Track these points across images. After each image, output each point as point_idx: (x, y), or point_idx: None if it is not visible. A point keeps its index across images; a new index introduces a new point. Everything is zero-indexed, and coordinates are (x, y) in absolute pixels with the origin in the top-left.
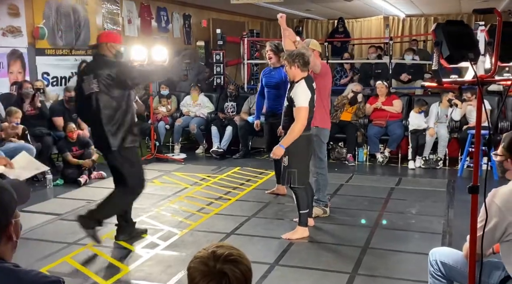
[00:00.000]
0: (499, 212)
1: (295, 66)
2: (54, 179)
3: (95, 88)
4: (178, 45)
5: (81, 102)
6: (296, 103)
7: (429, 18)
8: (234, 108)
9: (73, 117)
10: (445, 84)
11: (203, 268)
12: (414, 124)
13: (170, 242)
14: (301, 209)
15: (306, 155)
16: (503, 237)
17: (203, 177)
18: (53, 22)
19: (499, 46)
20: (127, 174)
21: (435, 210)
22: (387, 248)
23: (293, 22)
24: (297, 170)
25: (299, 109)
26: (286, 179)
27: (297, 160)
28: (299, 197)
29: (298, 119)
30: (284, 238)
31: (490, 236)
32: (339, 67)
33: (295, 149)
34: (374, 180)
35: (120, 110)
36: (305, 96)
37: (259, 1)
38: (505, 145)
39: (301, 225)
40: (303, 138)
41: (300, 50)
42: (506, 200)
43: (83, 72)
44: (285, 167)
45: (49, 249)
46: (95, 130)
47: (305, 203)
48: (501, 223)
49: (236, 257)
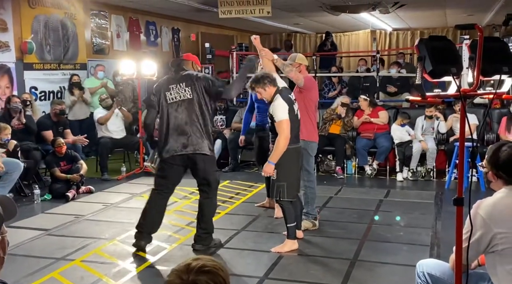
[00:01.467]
0: (483, 224)
1: (267, 86)
2: (41, 194)
3: (188, 96)
4: (167, 59)
5: (167, 112)
6: (276, 118)
7: (415, 32)
8: (223, 122)
9: (59, 130)
10: (429, 98)
11: (178, 281)
12: (397, 137)
13: (159, 256)
14: (288, 222)
15: (295, 167)
16: (488, 248)
17: (192, 191)
18: (41, 36)
19: (480, 60)
20: (211, 175)
21: (423, 222)
22: (376, 260)
23: (281, 36)
24: (286, 183)
25: (280, 123)
26: (275, 192)
27: (286, 173)
28: (285, 210)
29: (281, 132)
30: (274, 251)
31: (475, 247)
32: (328, 80)
33: (284, 162)
34: (362, 192)
35: (210, 117)
36: (282, 109)
37: (247, 15)
38: (487, 158)
39: (290, 238)
40: (292, 151)
41: (260, 72)
42: (490, 212)
43: (164, 84)
44: (274, 180)
45: (37, 265)
46: (182, 136)
47: (292, 216)
48: (486, 235)
49: (211, 268)
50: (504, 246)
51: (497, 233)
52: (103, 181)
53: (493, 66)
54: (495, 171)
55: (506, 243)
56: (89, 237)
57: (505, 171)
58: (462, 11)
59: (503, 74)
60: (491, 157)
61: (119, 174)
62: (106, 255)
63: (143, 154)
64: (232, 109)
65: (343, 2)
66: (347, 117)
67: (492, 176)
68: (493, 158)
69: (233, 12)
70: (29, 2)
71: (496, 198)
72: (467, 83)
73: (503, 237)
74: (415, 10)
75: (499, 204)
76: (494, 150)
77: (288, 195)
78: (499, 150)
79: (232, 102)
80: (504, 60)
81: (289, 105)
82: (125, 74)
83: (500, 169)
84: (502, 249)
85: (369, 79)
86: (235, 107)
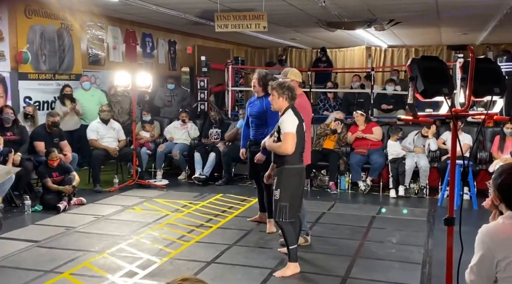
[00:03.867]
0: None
1: (283, 97)
2: (32, 205)
3: None
4: (163, 71)
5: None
6: (283, 130)
7: (410, 49)
8: (218, 135)
9: (54, 142)
10: (420, 118)
11: None
12: (393, 153)
13: (149, 270)
14: (289, 244)
15: (298, 188)
16: (498, 274)
17: (185, 204)
18: (37, 46)
19: (472, 81)
20: None
21: (415, 240)
22: (367, 278)
23: (277, 50)
24: (288, 204)
25: (285, 135)
26: (278, 213)
27: (288, 194)
28: (286, 232)
29: (284, 143)
30: (277, 276)
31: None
32: (323, 96)
33: (288, 182)
34: (355, 208)
35: None
36: (292, 123)
37: (244, 30)
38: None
39: (292, 261)
40: (296, 171)
41: (290, 83)
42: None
43: None
44: (276, 200)
45: (25, 278)
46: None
47: (293, 238)
48: (489, 258)
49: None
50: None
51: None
52: (95, 193)
53: (485, 87)
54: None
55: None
56: (79, 250)
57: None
58: (456, 30)
59: (494, 95)
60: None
61: (111, 185)
62: (96, 268)
63: (136, 166)
64: (227, 122)
65: (338, 18)
66: (342, 133)
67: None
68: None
69: (230, 26)
70: (26, 12)
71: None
72: (459, 103)
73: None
74: (410, 28)
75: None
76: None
77: (290, 216)
78: None
79: (227, 115)
80: (495, 81)
81: (299, 121)
82: (120, 86)
83: None
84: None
85: (364, 95)
86: (229, 120)
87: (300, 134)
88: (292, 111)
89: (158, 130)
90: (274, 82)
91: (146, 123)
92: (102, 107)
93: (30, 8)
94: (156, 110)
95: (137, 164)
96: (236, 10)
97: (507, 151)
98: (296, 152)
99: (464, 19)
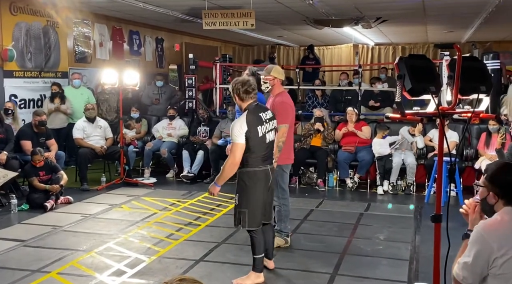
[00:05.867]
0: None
1: (235, 97)
2: (19, 204)
3: None
4: (150, 69)
5: None
6: (231, 138)
7: (397, 47)
8: (207, 133)
9: (40, 141)
10: (408, 116)
11: None
12: (378, 151)
13: (138, 269)
14: (255, 253)
15: (261, 193)
16: (492, 270)
17: (173, 202)
18: (23, 44)
19: (459, 79)
20: None
21: (402, 236)
22: (355, 275)
23: (265, 48)
24: (247, 210)
25: (233, 145)
26: (236, 219)
27: (248, 199)
28: (253, 239)
29: (230, 155)
30: (235, 283)
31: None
32: (311, 93)
33: (247, 186)
34: (343, 205)
35: None
36: (239, 130)
37: (231, 27)
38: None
39: (255, 271)
40: (259, 174)
41: (243, 77)
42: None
43: None
44: (236, 206)
45: (12, 277)
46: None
47: (261, 247)
48: (486, 254)
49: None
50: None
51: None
52: (82, 191)
53: (471, 85)
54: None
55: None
56: (67, 249)
57: None
58: (442, 28)
59: (480, 93)
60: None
61: (99, 184)
62: (83, 267)
63: (123, 164)
64: (215, 120)
65: (326, 16)
66: (326, 131)
67: (493, 197)
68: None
69: (217, 24)
70: (11, 9)
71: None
72: (445, 100)
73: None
74: (397, 26)
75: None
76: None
77: (250, 224)
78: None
79: (215, 113)
80: (481, 79)
81: (253, 126)
82: (107, 83)
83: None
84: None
85: (351, 93)
86: (218, 118)
87: (255, 139)
88: (248, 113)
89: (146, 128)
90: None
91: (131, 120)
92: (86, 106)
93: (15, 5)
94: (143, 108)
95: (125, 162)
96: (224, 8)
97: (492, 148)
98: (256, 155)
99: (450, 17)
